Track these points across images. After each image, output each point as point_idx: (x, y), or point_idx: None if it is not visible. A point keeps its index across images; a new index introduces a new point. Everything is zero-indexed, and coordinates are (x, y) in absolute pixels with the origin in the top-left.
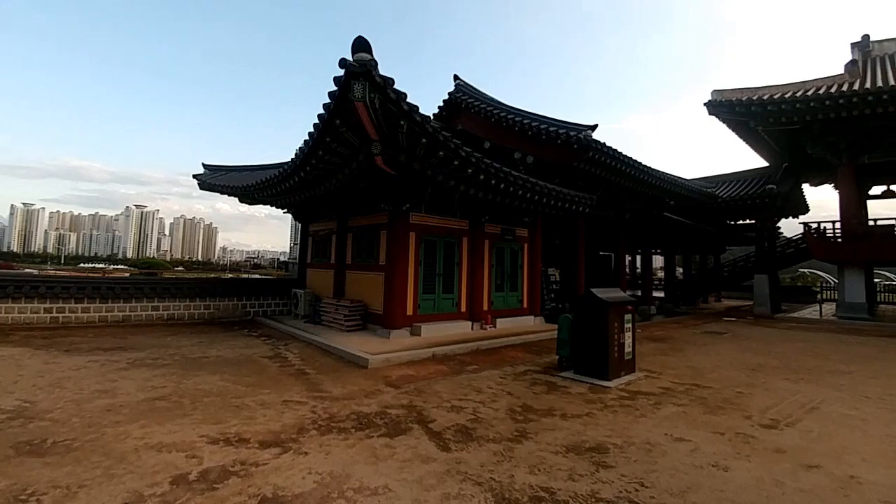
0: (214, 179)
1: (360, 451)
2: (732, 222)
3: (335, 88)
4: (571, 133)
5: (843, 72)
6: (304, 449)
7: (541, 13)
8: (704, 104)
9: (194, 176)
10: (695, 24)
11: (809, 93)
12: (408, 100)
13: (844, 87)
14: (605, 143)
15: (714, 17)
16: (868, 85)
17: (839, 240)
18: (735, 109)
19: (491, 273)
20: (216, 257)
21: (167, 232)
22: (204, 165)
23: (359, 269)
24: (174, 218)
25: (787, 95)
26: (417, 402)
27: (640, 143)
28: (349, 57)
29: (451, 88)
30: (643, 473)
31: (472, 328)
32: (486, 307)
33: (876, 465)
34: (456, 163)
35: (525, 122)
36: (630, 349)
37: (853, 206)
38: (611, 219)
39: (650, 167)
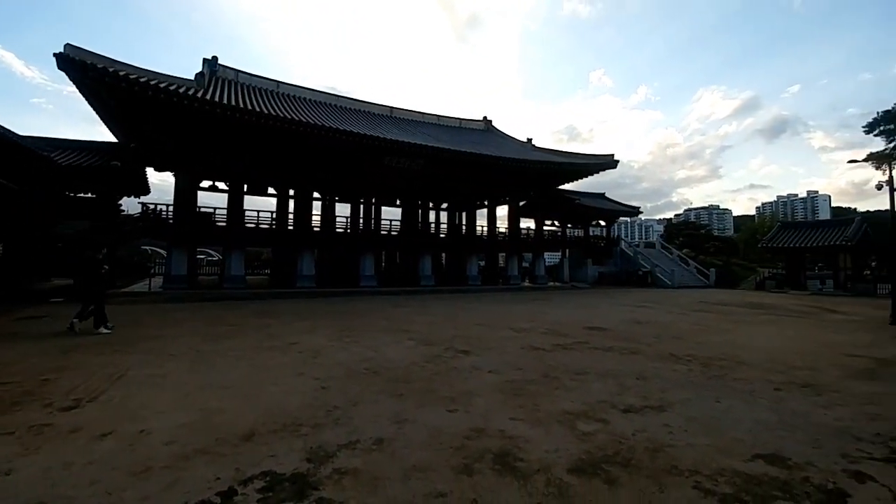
0: None
1: None
2: (73, 194)
3: None
4: None
5: (193, 79)
6: None
7: None
8: (55, 54)
9: None
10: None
11: (162, 85)
12: None
13: (191, 93)
14: None
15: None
16: (208, 97)
17: (171, 222)
18: (88, 73)
19: None
20: None
21: None
22: None
23: None
24: None
25: (142, 79)
26: None
27: None
28: None
29: None
30: None
31: None
32: None
33: (165, 414)
34: None
35: None
36: None
37: (187, 194)
38: None
39: None
